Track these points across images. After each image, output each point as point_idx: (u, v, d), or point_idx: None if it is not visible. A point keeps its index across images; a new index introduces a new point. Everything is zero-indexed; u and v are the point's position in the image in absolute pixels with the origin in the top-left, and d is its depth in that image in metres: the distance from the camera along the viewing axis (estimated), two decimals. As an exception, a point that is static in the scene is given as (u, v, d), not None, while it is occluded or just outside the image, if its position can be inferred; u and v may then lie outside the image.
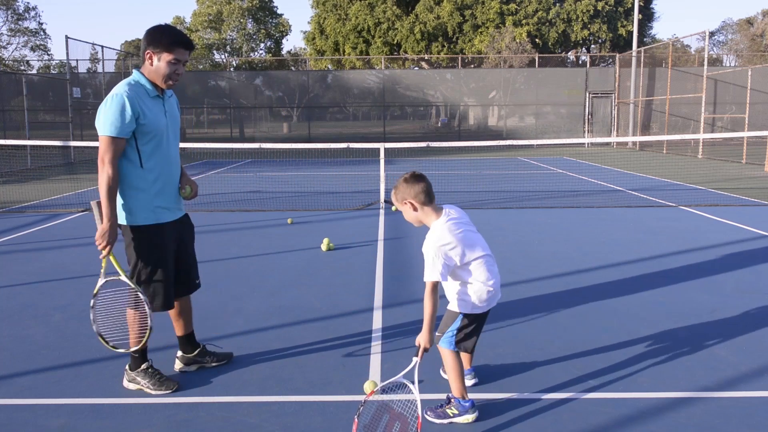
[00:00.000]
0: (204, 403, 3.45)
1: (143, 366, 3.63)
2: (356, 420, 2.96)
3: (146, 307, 3.40)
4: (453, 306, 3.33)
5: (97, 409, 3.39)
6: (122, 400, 3.50)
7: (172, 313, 3.82)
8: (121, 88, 3.38)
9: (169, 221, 3.59)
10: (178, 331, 3.90)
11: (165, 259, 3.57)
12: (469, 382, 3.57)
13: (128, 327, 3.56)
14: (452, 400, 3.29)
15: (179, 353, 3.92)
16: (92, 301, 3.49)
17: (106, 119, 3.33)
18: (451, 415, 3.26)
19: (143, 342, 3.50)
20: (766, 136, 19.51)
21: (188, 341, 3.90)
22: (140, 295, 3.42)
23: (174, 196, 3.63)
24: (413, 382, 3.04)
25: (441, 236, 3.18)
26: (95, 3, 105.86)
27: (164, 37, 3.41)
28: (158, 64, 3.43)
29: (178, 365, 3.90)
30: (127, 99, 3.34)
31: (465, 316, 3.31)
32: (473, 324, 3.34)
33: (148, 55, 3.42)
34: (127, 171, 3.43)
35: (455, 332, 3.30)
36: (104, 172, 3.32)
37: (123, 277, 3.44)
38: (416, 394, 3.00)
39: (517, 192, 12.34)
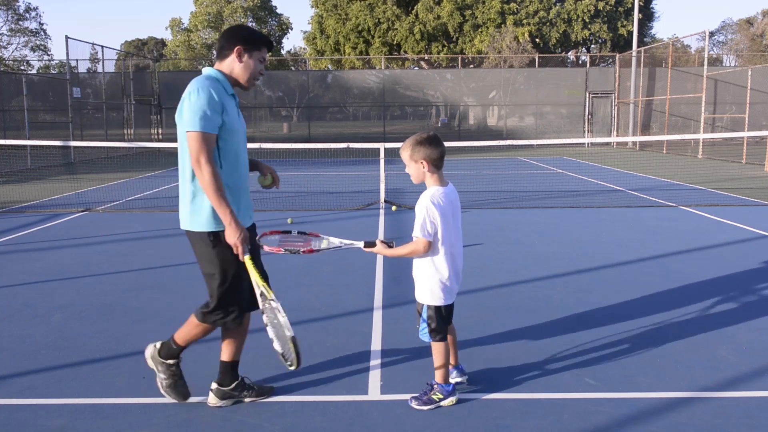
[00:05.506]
0: (204, 403, 3.45)
1: (171, 361, 3.37)
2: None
3: (281, 317, 3.04)
4: (419, 296, 3.43)
5: (97, 409, 3.39)
6: (122, 400, 3.50)
7: (224, 330, 3.44)
8: (203, 82, 3.09)
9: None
10: (228, 355, 3.44)
11: (244, 268, 3.22)
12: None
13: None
14: (435, 385, 3.39)
15: (214, 386, 3.44)
16: (264, 319, 3.12)
17: (195, 113, 3.01)
18: (437, 399, 3.36)
19: (295, 359, 3.01)
20: (766, 136, 19.49)
21: (230, 370, 3.43)
22: (272, 302, 3.09)
23: (248, 202, 3.36)
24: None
25: (434, 195, 3.31)
26: (95, 3, 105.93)
27: (256, 34, 3.26)
28: (249, 61, 3.21)
29: (212, 400, 3.43)
30: (214, 92, 3.07)
31: (428, 306, 3.39)
32: (441, 314, 3.40)
33: (238, 51, 3.18)
34: None
35: (426, 323, 3.40)
36: (205, 171, 3.00)
37: (260, 287, 3.15)
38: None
39: (517, 192, 12.34)
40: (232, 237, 3.08)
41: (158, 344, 3.47)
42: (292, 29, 47.75)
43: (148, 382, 3.73)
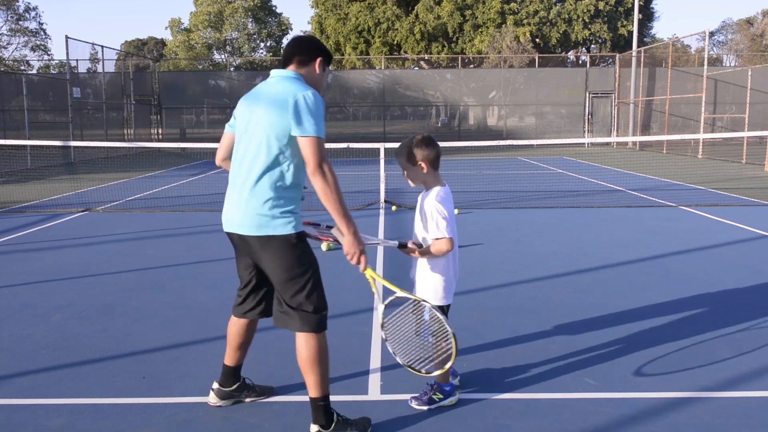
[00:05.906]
0: (204, 403, 3.45)
1: (338, 419, 3.08)
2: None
3: (439, 314, 3.00)
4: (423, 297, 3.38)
5: (97, 409, 3.39)
6: (122, 400, 3.50)
7: (235, 337, 3.36)
8: (307, 87, 3.04)
9: None
10: (233, 360, 3.40)
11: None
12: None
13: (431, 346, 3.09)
14: (435, 385, 3.39)
15: (215, 386, 3.44)
16: (383, 334, 3.12)
17: (318, 118, 2.95)
18: (437, 399, 3.37)
19: (454, 353, 2.95)
20: (766, 136, 19.50)
21: (234, 374, 3.44)
22: (424, 303, 3.03)
23: None
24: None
25: (439, 194, 3.36)
26: (95, 3, 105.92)
27: (327, 48, 3.25)
28: (323, 72, 3.24)
29: (213, 400, 3.43)
30: None
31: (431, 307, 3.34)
32: (443, 313, 3.33)
33: (319, 62, 3.19)
34: (297, 174, 3.11)
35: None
36: (330, 178, 2.96)
37: (400, 293, 3.08)
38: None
39: (517, 192, 12.34)
40: (354, 246, 3.00)
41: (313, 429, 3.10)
42: (292, 29, 47.76)
43: (148, 382, 3.74)
